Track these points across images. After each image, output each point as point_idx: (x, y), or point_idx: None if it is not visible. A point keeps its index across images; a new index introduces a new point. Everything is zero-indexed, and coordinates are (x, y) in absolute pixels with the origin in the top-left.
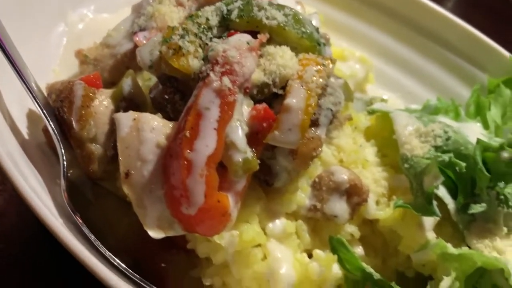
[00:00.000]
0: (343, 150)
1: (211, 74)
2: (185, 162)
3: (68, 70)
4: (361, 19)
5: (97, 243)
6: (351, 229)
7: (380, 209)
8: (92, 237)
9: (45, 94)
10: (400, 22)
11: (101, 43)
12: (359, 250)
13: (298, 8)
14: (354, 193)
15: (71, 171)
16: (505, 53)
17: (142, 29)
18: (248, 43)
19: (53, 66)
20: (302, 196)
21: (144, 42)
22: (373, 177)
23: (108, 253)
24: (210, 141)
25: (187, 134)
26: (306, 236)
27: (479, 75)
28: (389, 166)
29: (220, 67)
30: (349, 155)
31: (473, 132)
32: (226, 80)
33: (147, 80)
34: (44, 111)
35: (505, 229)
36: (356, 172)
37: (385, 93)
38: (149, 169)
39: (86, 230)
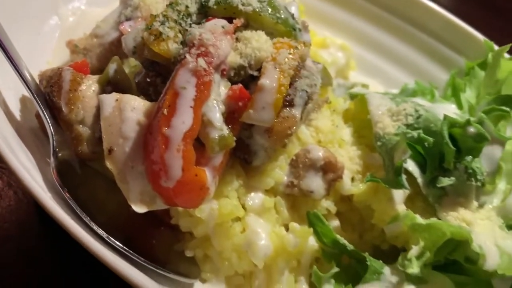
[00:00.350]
0: (321, 131)
1: (187, 55)
2: (163, 138)
3: (60, 61)
4: (342, 8)
5: (83, 215)
6: (327, 204)
7: (355, 185)
8: (78, 209)
9: (37, 81)
10: (380, 10)
11: (90, 33)
12: (335, 224)
13: None
14: (329, 170)
15: (62, 152)
16: (480, 37)
17: (128, 19)
18: (223, 27)
19: (47, 58)
20: (280, 174)
21: (129, 30)
22: (348, 155)
23: (95, 225)
24: (186, 118)
25: (165, 112)
26: (284, 212)
27: (457, 59)
28: (364, 145)
29: (196, 49)
30: (326, 135)
31: (446, 111)
32: (201, 61)
33: (133, 67)
34: (35, 96)
35: (476, 203)
36: (332, 150)
37: (367, 79)
38: (131, 145)
39: (73, 204)
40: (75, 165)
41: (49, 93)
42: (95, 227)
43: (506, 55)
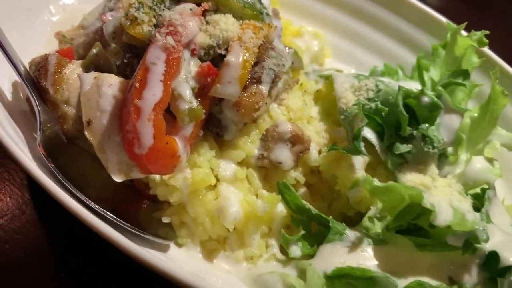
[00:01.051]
0: (291, 110)
1: (157, 34)
2: (135, 109)
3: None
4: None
5: (68, 183)
6: (296, 174)
7: (322, 157)
8: (61, 176)
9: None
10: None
11: (77, 25)
12: (305, 193)
13: None
14: (296, 142)
15: (50, 131)
16: (444, 20)
17: (110, 10)
18: (191, 9)
19: (38, 49)
20: (251, 147)
21: (110, 19)
22: (316, 130)
23: (78, 192)
24: (156, 91)
25: (137, 85)
26: (256, 182)
27: (425, 43)
28: (331, 121)
29: (165, 28)
30: (296, 113)
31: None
32: (169, 39)
33: (115, 54)
34: (24, 80)
35: (436, 171)
36: (300, 126)
37: (342, 65)
38: (107, 118)
39: (57, 173)
40: (62, 144)
41: (36, 76)
42: (78, 194)
43: (464, 33)
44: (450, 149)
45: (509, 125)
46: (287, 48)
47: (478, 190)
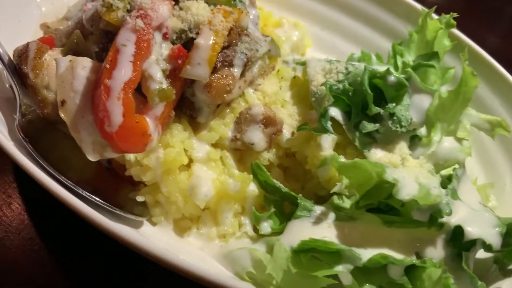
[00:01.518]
0: (267, 95)
1: (127, 17)
2: (105, 88)
3: None
4: None
5: (45, 163)
6: (269, 156)
7: (293, 138)
8: (37, 154)
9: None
10: None
11: (62, 17)
12: (278, 173)
13: None
14: (269, 124)
15: (31, 115)
16: (419, 7)
17: (92, 1)
18: None
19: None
20: (225, 129)
21: (90, 8)
22: (289, 113)
23: (55, 171)
24: (126, 71)
25: (107, 66)
26: (230, 163)
27: (402, 31)
28: (304, 104)
29: (136, 12)
30: (270, 97)
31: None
32: (139, 21)
33: (95, 43)
34: (6, 65)
35: (407, 151)
36: (274, 109)
37: (322, 55)
38: (81, 98)
39: (35, 154)
40: (44, 129)
41: (18, 62)
42: (52, 171)
43: (435, 16)
44: (423, 132)
45: (481, 105)
46: (264, 36)
47: (451, 170)
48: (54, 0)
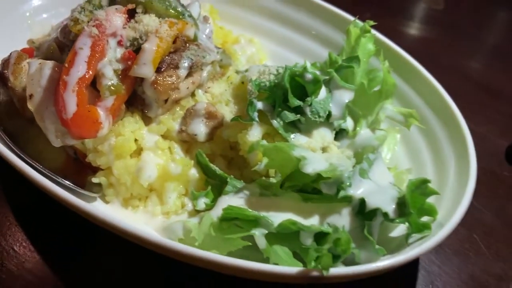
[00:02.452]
0: (215, 96)
1: (85, 26)
2: (63, 82)
3: None
4: (253, 12)
5: (16, 148)
6: (211, 146)
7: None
8: (8, 140)
9: None
10: (284, 11)
11: (46, 34)
12: (221, 162)
13: None
14: (210, 118)
15: (10, 113)
16: (351, 18)
17: None
18: (116, 9)
19: None
20: (173, 123)
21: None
22: (230, 110)
23: (25, 155)
24: (81, 69)
25: (66, 65)
26: (177, 152)
27: (341, 41)
28: (244, 103)
29: (92, 22)
30: (217, 97)
31: None
32: (94, 29)
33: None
34: None
35: (331, 141)
36: (218, 107)
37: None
38: (45, 92)
39: (5, 138)
40: (23, 126)
41: (1, 69)
42: (25, 157)
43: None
44: (351, 126)
45: (403, 100)
46: (217, 48)
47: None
48: (43, 21)
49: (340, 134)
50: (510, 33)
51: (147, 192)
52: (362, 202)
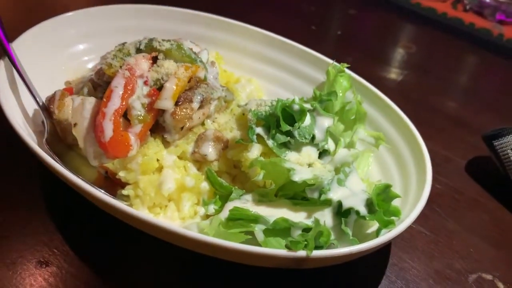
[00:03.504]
0: (221, 125)
1: (119, 70)
2: (102, 113)
3: None
4: (253, 59)
5: (64, 166)
6: (219, 164)
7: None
8: (59, 161)
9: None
10: (275, 58)
11: (80, 77)
12: (227, 178)
13: (194, 47)
14: (217, 141)
15: (54, 141)
16: (330, 61)
17: (100, 64)
18: (143, 56)
19: None
20: (188, 146)
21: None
22: (233, 135)
23: (74, 172)
24: (116, 103)
25: (104, 99)
26: (192, 169)
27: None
28: (245, 130)
29: (125, 66)
30: (222, 126)
31: None
32: (126, 72)
33: (101, 92)
34: (40, 106)
35: (315, 159)
36: (224, 133)
37: None
38: (87, 122)
39: (57, 160)
40: (64, 150)
41: (48, 105)
42: (73, 173)
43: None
44: (332, 147)
45: (372, 124)
46: (222, 86)
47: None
48: (75, 67)
49: (323, 153)
50: (474, 73)
51: (167, 201)
52: (339, 204)
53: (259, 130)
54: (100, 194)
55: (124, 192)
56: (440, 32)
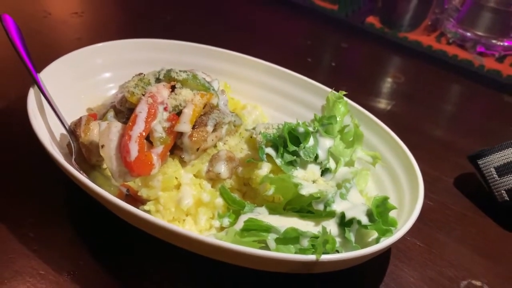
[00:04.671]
0: (231, 146)
1: (143, 97)
2: (128, 135)
3: None
4: (258, 87)
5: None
6: (231, 182)
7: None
8: (85, 176)
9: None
10: (278, 86)
11: (101, 104)
12: (238, 194)
13: (206, 77)
14: (230, 160)
15: (79, 161)
16: (328, 90)
17: (121, 92)
18: (164, 85)
19: None
20: (203, 165)
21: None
22: (243, 155)
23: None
24: (140, 127)
25: (130, 124)
26: (207, 186)
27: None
28: (254, 151)
29: (148, 94)
30: (233, 147)
31: None
32: (149, 99)
33: (122, 117)
34: (67, 130)
35: (318, 176)
36: (235, 153)
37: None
38: (114, 143)
39: (85, 177)
40: (88, 169)
41: (73, 128)
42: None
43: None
44: (333, 166)
45: (368, 145)
46: (231, 112)
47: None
48: (96, 95)
49: (325, 172)
50: (459, 100)
51: (185, 215)
52: (343, 215)
53: (268, 150)
54: (129, 206)
55: (146, 207)
56: (426, 63)
